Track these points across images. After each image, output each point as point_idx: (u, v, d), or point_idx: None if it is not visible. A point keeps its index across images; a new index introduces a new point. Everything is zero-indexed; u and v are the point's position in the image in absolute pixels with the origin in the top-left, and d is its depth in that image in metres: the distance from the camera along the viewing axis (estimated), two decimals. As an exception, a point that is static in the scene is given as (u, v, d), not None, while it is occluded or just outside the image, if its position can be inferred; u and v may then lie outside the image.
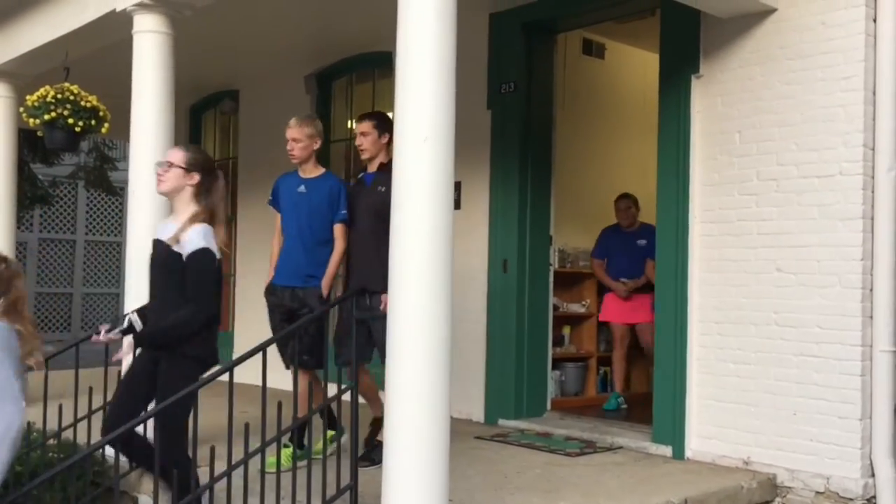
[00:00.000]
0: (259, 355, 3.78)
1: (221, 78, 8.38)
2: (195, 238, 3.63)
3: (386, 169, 4.48)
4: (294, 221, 4.82)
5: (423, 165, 3.42)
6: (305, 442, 4.53)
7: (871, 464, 4.43)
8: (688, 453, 4.98)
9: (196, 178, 3.77)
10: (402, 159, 3.47)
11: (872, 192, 4.45)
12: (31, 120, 5.73)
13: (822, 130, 4.55)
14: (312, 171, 4.86)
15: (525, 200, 5.99)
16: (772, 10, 4.75)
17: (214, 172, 3.86)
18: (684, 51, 5.11)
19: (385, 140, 4.74)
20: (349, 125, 7.64)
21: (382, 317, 3.77)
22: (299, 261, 4.77)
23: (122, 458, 3.67)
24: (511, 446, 5.27)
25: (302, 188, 4.83)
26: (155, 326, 3.72)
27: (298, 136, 4.77)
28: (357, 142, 4.86)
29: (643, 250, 6.51)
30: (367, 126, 4.81)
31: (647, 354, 6.36)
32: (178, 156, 3.79)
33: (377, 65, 7.05)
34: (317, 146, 4.83)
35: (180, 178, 3.75)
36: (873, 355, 4.44)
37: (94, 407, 4.62)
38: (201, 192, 3.78)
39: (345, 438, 4.16)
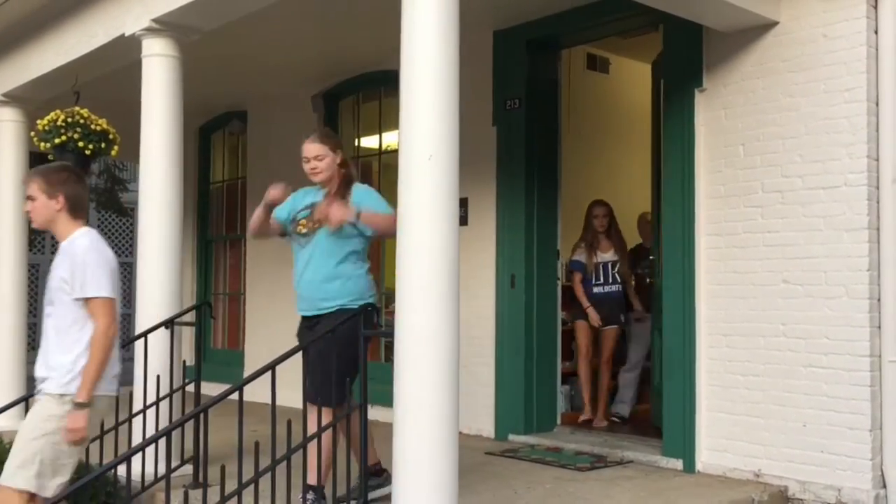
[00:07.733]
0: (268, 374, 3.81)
1: (229, 99, 8.46)
2: None
3: None
4: None
5: (428, 183, 3.46)
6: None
7: (883, 475, 4.41)
8: (698, 466, 4.97)
9: None
10: (408, 177, 3.51)
11: (877, 202, 4.46)
12: (42, 144, 5.79)
13: (826, 142, 4.57)
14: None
15: (532, 215, 6.01)
16: (773, 24, 4.77)
17: None
18: (687, 65, 5.13)
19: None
20: (356, 143, 7.70)
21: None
22: None
23: (134, 478, 3.69)
24: (521, 461, 5.27)
25: None
26: None
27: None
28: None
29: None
30: None
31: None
32: None
33: (383, 83, 7.10)
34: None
35: None
36: (882, 366, 4.43)
37: (105, 427, 4.64)
38: None
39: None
